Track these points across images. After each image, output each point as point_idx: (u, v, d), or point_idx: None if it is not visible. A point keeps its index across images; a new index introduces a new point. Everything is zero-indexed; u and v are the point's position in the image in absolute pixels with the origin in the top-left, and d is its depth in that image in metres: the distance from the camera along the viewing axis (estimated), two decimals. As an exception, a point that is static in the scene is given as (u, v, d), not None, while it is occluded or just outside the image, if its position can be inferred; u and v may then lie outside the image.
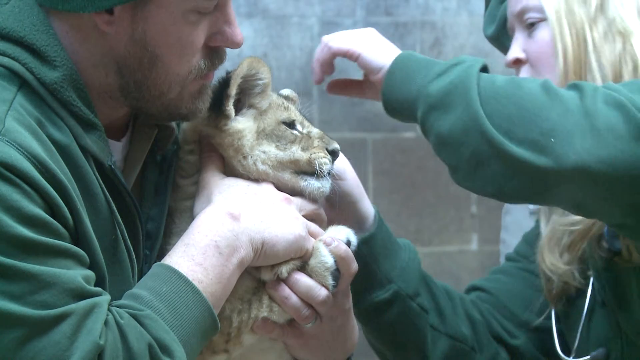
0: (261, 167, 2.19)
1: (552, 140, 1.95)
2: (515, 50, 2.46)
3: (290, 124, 2.26)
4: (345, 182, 2.37)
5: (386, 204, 5.20)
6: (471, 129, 2.02)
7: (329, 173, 2.23)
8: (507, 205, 3.64)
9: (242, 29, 5.43)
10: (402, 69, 2.19)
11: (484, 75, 2.11)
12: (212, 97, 2.17)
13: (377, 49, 2.28)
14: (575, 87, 2.04)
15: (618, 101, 1.99)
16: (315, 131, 2.29)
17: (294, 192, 2.23)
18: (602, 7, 2.36)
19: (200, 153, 2.25)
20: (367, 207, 2.46)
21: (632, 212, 2.00)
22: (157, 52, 2.02)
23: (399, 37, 5.18)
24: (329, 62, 2.37)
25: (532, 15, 2.43)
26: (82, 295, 1.89)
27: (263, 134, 2.21)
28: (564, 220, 2.43)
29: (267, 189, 2.19)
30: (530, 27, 2.43)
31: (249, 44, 5.06)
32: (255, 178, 2.20)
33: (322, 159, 2.23)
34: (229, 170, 2.22)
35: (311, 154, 2.23)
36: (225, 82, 2.18)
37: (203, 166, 2.22)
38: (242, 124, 2.21)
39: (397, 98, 2.20)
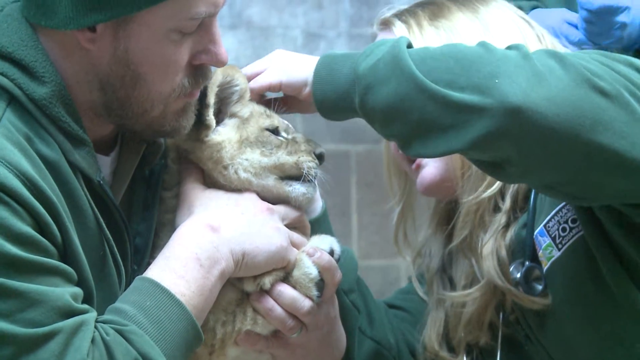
0: (243, 175, 2.19)
1: (496, 81, 1.92)
2: None
3: (274, 130, 2.25)
4: None
5: (369, 215, 5.20)
6: (411, 92, 1.97)
7: (315, 177, 2.23)
8: None
9: (226, 40, 5.45)
10: (326, 68, 2.14)
11: (411, 48, 2.07)
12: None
13: (294, 68, 2.24)
14: (510, 46, 2.02)
15: (553, 52, 1.98)
16: (300, 136, 2.28)
17: (279, 198, 2.22)
18: None
19: (180, 163, 2.24)
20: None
21: (568, 167, 1.96)
22: (140, 71, 2.01)
23: (383, 49, 5.18)
24: (260, 99, 2.33)
25: None
26: (69, 313, 1.90)
27: (247, 142, 2.21)
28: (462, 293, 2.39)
29: (250, 199, 2.18)
30: None
31: (233, 55, 5.06)
32: (238, 188, 2.19)
33: (310, 162, 2.22)
34: (211, 183, 2.21)
35: (298, 157, 2.22)
36: (202, 93, 2.17)
37: (183, 178, 2.22)
38: (222, 136, 2.20)
39: (330, 97, 2.13)
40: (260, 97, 2.32)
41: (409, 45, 2.07)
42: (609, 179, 1.96)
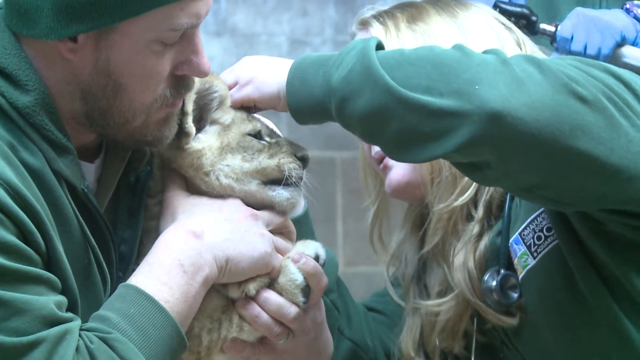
0: (224, 181, 2.18)
1: (476, 87, 1.90)
2: None
3: (257, 135, 2.24)
4: None
5: (355, 222, 5.20)
6: (388, 102, 1.95)
7: (300, 179, 2.22)
8: None
9: (211, 47, 5.46)
10: (299, 79, 2.11)
11: (383, 51, 2.03)
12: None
13: (264, 81, 2.20)
14: (487, 50, 2.01)
15: (531, 58, 1.97)
16: (284, 139, 2.27)
17: (262, 204, 2.22)
18: None
19: (164, 170, 2.24)
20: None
21: (547, 172, 1.96)
22: (121, 81, 2.01)
23: (368, 56, 5.19)
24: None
25: None
26: (54, 321, 1.89)
27: (228, 149, 2.20)
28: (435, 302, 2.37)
29: (233, 204, 2.18)
30: None
31: (218, 62, 5.06)
32: (220, 194, 2.19)
33: (291, 164, 2.21)
34: (194, 190, 2.21)
35: (279, 160, 2.21)
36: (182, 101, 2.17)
37: (166, 185, 2.22)
38: (202, 143, 2.20)
39: (306, 107, 2.11)
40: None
41: (380, 46, 2.05)
42: (588, 183, 1.96)
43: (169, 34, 2.01)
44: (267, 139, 2.25)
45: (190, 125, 2.18)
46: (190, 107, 2.17)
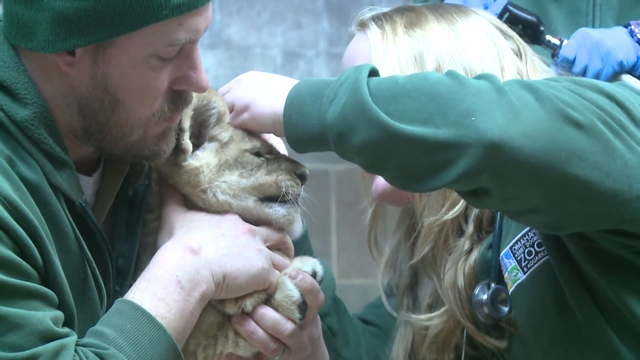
0: (221, 197, 2.18)
1: (473, 118, 1.90)
2: None
3: (256, 153, 2.24)
4: None
5: (349, 234, 5.20)
6: (385, 139, 1.94)
7: (297, 196, 2.21)
8: None
9: (205, 60, 5.45)
10: (296, 111, 2.08)
11: (376, 80, 2.01)
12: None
13: (260, 110, 2.18)
14: (482, 76, 2.01)
15: (526, 83, 1.97)
16: (284, 156, 2.27)
17: (260, 220, 2.21)
18: None
19: (162, 185, 2.23)
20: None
21: (544, 198, 1.96)
22: (119, 95, 2.01)
23: (362, 69, 5.20)
24: None
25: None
26: (50, 337, 1.89)
27: (226, 165, 2.20)
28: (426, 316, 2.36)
29: (231, 220, 2.18)
30: None
31: (212, 74, 5.06)
32: (218, 210, 2.18)
33: (289, 181, 2.21)
34: (192, 205, 2.21)
35: (277, 176, 2.21)
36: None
37: (164, 200, 2.21)
38: (200, 161, 2.19)
39: (304, 139, 2.09)
40: None
41: (373, 72, 2.04)
42: (583, 207, 1.96)
43: (168, 49, 2.00)
44: (267, 156, 2.24)
45: (187, 143, 2.17)
46: (187, 123, 2.17)
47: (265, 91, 2.19)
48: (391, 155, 1.96)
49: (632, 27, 3.04)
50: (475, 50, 2.30)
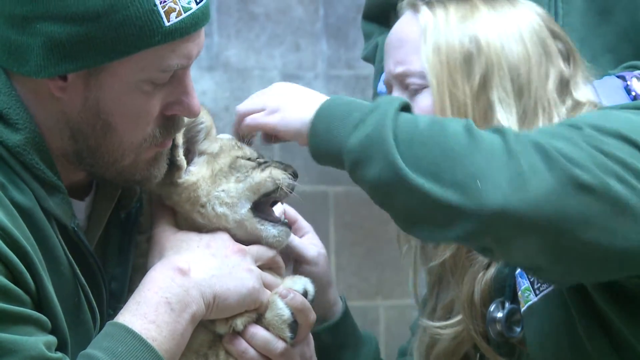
0: (219, 210, 2.18)
1: (479, 183, 1.90)
2: None
3: (248, 159, 2.24)
4: (317, 268, 2.35)
5: (348, 257, 5.19)
6: (393, 180, 1.95)
7: (292, 190, 2.21)
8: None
9: (204, 82, 5.48)
10: (324, 124, 2.09)
11: (403, 118, 2.02)
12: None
13: (292, 114, 2.17)
14: (497, 131, 2.00)
15: (540, 145, 1.95)
16: (271, 160, 2.28)
17: (251, 237, 2.21)
18: (484, 85, 2.23)
19: (152, 206, 2.23)
20: (335, 295, 2.42)
21: (549, 260, 1.95)
22: (110, 120, 2.01)
23: (361, 91, 5.20)
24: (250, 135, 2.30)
25: (414, 81, 2.28)
26: None
27: (221, 174, 2.20)
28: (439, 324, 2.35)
29: (221, 239, 2.17)
30: (413, 91, 2.29)
31: (211, 97, 5.07)
32: (215, 226, 2.18)
33: (282, 174, 2.21)
34: (185, 225, 2.20)
35: (270, 171, 2.21)
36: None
37: (154, 221, 2.21)
38: (195, 175, 2.19)
39: (324, 154, 2.09)
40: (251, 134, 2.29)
41: (406, 107, 2.04)
42: (591, 266, 1.96)
43: (160, 74, 2.00)
44: (258, 160, 2.25)
45: (182, 159, 2.18)
46: (180, 139, 2.17)
47: (297, 99, 2.19)
48: (398, 199, 1.96)
49: (629, 82, 2.92)
50: (524, 53, 2.26)
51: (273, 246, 2.22)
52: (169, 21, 1.97)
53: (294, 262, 2.36)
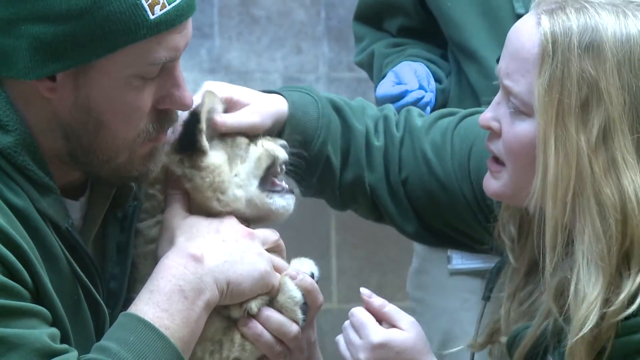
0: (237, 193, 2.19)
1: None
2: (489, 115, 2.16)
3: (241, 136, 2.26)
4: None
5: (349, 258, 5.20)
6: None
7: (286, 163, 2.23)
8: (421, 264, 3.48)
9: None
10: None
11: None
12: (180, 139, 2.17)
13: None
14: None
15: None
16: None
17: (261, 212, 2.22)
18: (604, 137, 2.00)
19: (166, 193, 2.23)
20: None
21: None
22: (102, 118, 2.01)
23: (362, 93, 5.20)
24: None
25: (516, 103, 2.09)
26: (49, 354, 1.90)
27: (231, 157, 2.21)
28: None
29: (230, 224, 2.17)
30: (513, 110, 2.10)
31: (212, 99, 5.07)
32: (230, 210, 2.19)
33: (274, 146, 2.23)
34: (199, 211, 2.20)
35: (262, 144, 2.22)
36: (194, 120, 2.17)
37: (167, 206, 2.21)
38: (218, 158, 2.19)
39: None
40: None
41: None
42: None
43: (148, 68, 2.00)
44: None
45: (206, 144, 2.18)
46: (204, 125, 2.17)
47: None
48: None
49: None
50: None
51: (282, 216, 2.24)
52: (153, 14, 1.96)
53: None
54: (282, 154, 2.23)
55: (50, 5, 1.93)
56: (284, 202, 2.23)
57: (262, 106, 2.29)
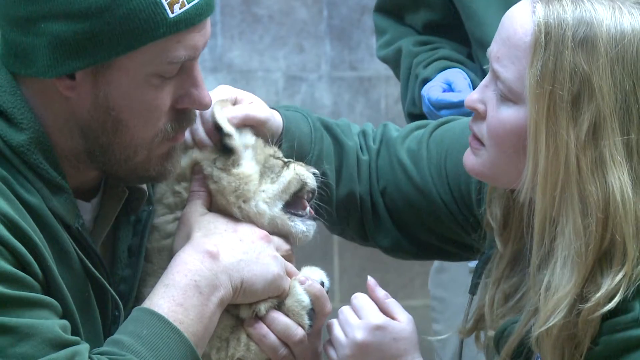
0: (262, 207, 2.19)
1: None
2: (476, 97, 2.13)
3: (277, 157, 2.27)
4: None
5: (351, 257, 5.20)
6: None
7: (314, 192, 2.24)
8: (442, 263, 3.51)
9: (208, 83, 5.44)
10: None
11: None
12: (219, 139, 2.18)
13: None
14: None
15: None
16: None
17: (280, 233, 2.23)
18: (594, 134, 1.99)
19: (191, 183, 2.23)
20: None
21: None
22: (121, 117, 2.01)
23: (364, 92, 5.20)
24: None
25: (503, 89, 2.07)
26: (61, 344, 1.90)
27: (261, 172, 2.22)
28: None
29: (247, 225, 2.19)
30: (500, 95, 2.08)
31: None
32: (251, 221, 2.19)
33: (306, 173, 2.24)
34: (215, 208, 2.21)
35: (294, 169, 2.23)
36: (216, 129, 2.18)
37: (188, 202, 2.21)
38: (250, 169, 2.20)
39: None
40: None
41: None
42: None
43: (167, 67, 2.00)
44: (284, 159, 2.27)
45: (238, 144, 2.19)
46: (231, 128, 2.18)
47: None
48: None
49: None
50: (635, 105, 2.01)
51: (301, 241, 2.24)
52: (172, 12, 1.97)
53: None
54: (312, 181, 2.24)
55: (71, 3, 1.93)
56: (304, 227, 2.24)
57: (266, 108, 2.31)
